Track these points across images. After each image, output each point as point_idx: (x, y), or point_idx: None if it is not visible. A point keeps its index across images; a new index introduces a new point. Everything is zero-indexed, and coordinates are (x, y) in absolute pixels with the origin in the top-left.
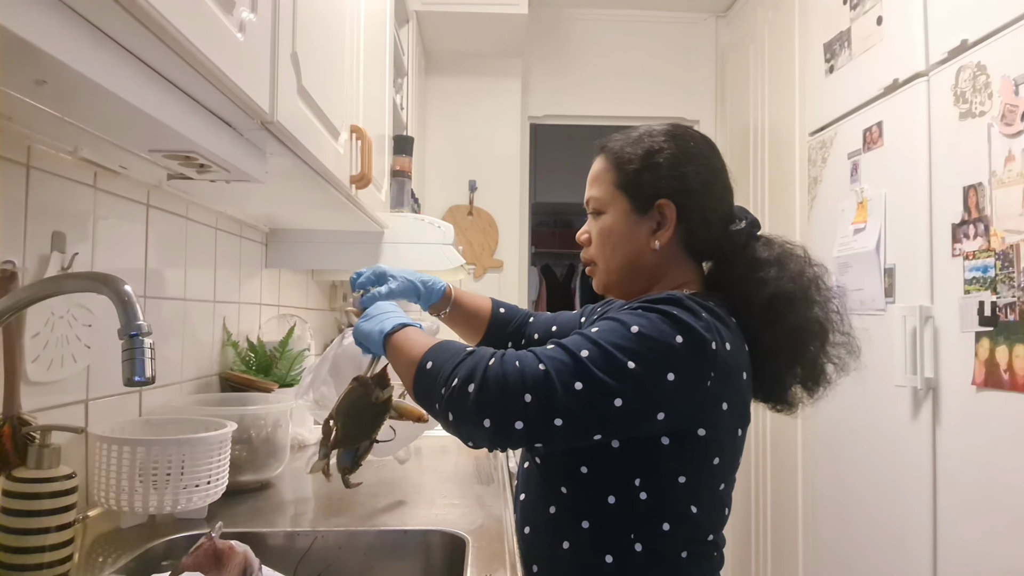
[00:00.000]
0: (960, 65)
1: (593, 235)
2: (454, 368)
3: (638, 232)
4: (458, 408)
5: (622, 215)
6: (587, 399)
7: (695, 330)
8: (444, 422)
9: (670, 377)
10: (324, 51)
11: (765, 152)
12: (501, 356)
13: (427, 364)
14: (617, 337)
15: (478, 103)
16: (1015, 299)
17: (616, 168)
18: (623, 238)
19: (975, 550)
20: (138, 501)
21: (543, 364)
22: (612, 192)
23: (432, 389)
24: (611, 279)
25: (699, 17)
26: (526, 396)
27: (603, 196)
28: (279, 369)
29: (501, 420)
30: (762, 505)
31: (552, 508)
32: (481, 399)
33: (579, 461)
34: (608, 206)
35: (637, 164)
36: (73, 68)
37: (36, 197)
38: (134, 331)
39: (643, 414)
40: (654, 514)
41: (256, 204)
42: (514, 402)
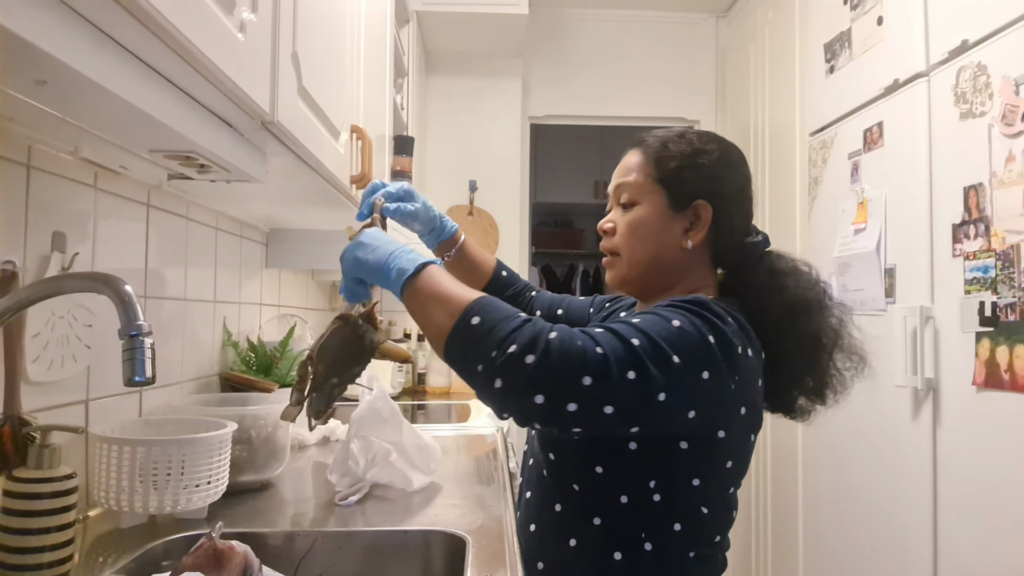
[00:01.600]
0: (961, 65)
1: (620, 226)
2: (511, 332)
3: (670, 228)
4: (511, 376)
5: (658, 209)
6: (638, 390)
7: (725, 332)
8: (486, 387)
9: (704, 376)
10: (325, 51)
11: (765, 152)
12: (561, 330)
13: (472, 319)
14: (661, 329)
15: (478, 103)
16: (1016, 299)
17: (656, 163)
18: (654, 232)
19: (975, 550)
20: (138, 501)
21: (601, 348)
22: (650, 185)
23: (477, 349)
24: (632, 272)
25: (699, 17)
26: (585, 378)
27: (639, 188)
28: (279, 369)
29: (556, 398)
30: (762, 505)
31: (558, 506)
32: (539, 372)
33: (595, 460)
34: (643, 198)
35: (682, 161)
36: (73, 68)
37: (36, 197)
38: (134, 331)
39: (679, 411)
40: (666, 514)
41: (256, 204)
42: (572, 382)
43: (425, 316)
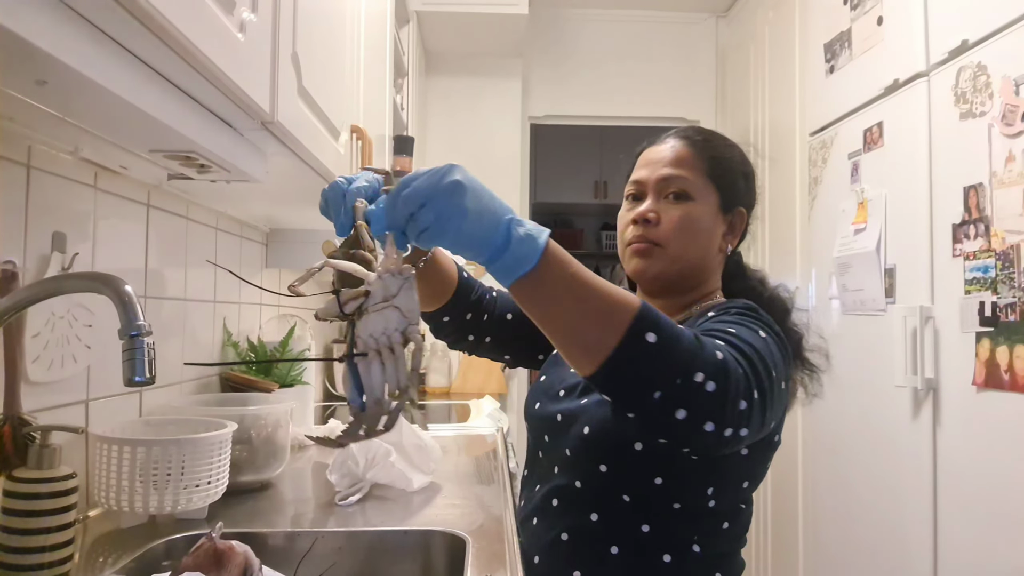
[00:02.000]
0: (961, 65)
1: (670, 219)
2: (695, 355)
3: (716, 230)
4: (695, 405)
5: (711, 209)
6: (760, 410)
7: (783, 341)
8: (661, 415)
9: (783, 386)
10: (324, 51)
11: (765, 152)
12: (723, 349)
13: (647, 335)
14: (758, 344)
15: (478, 103)
16: (1015, 299)
17: (711, 161)
18: (706, 233)
19: (976, 550)
20: (138, 501)
21: (741, 368)
22: (704, 181)
23: (657, 374)
24: (674, 268)
25: (699, 17)
26: (742, 403)
27: (695, 182)
28: (279, 369)
29: (724, 425)
30: (762, 505)
31: (595, 515)
32: (717, 400)
33: (656, 472)
34: (698, 194)
35: (734, 166)
36: (73, 68)
37: (36, 197)
38: (134, 331)
39: (769, 424)
40: (718, 517)
41: (256, 204)
42: (738, 406)
43: (571, 318)
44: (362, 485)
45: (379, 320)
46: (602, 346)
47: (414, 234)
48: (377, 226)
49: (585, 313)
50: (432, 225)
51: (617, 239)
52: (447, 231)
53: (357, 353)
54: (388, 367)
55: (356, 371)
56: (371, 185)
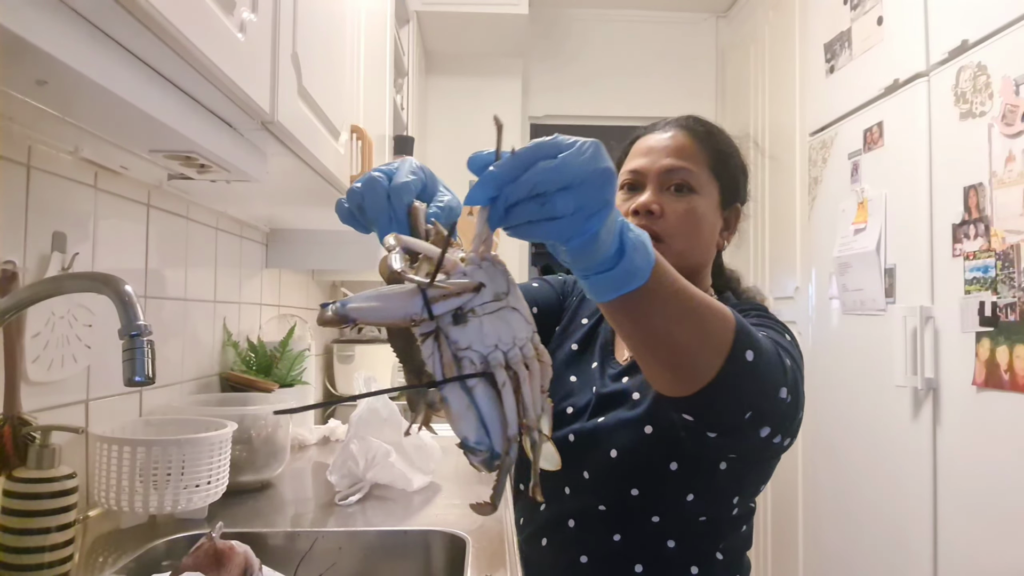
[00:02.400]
0: (961, 65)
1: (675, 212)
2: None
3: (716, 226)
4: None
5: (713, 204)
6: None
7: (796, 341)
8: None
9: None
10: (325, 51)
11: (765, 152)
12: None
13: (747, 354)
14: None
15: (478, 103)
16: (1015, 299)
17: (714, 155)
18: (709, 228)
19: (976, 550)
20: (138, 501)
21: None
22: (708, 175)
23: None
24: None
25: (699, 17)
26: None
27: (698, 174)
28: (279, 369)
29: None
30: (762, 505)
31: (618, 536)
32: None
33: (688, 489)
34: (702, 188)
35: (735, 161)
36: (73, 68)
37: (37, 197)
38: (134, 331)
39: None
40: (738, 522)
41: (256, 204)
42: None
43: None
44: (362, 485)
45: (499, 326)
46: (708, 368)
47: (528, 218)
48: (479, 195)
49: (694, 334)
50: (569, 216)
51: None
52: (584, 229)
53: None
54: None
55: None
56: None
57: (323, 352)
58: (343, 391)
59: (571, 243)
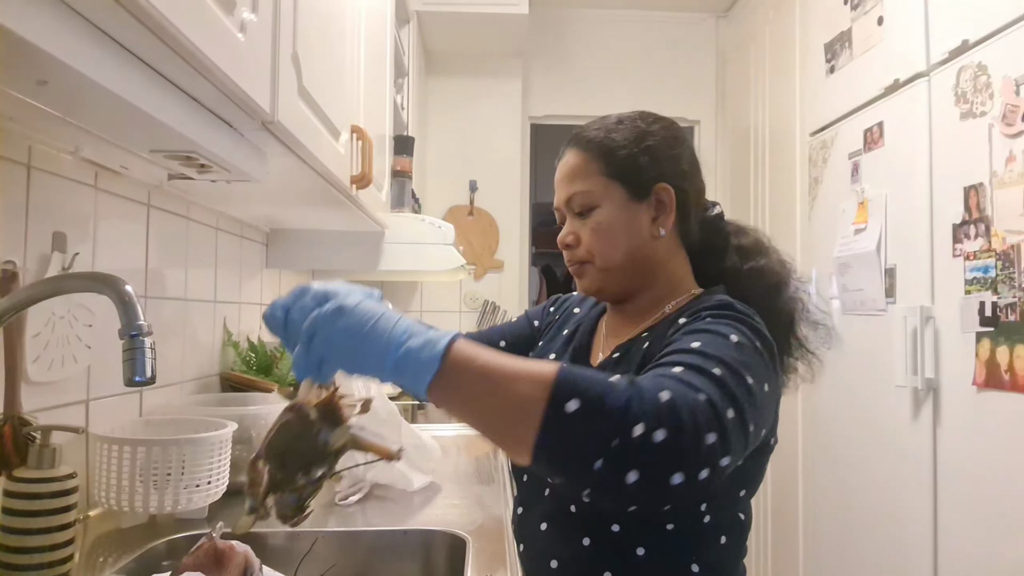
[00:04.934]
0: (961, 65)
1: (584, 234)
2: (627, 408)
3: (639, 221)
4: (646, 463)
5: (620, 205)
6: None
7: (766, 336)
8: (612, 484)
9: (766, 388)
10: (325, 51)
11: (765, 152)
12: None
13: (568, 404)
14: (727, 351)
15: (478, 103)
16: (1016, 299)
17: (603, 157)
18: (625, 230)
19: (975, 550)
20: (138, 501)
21: (703, 393)
22: (603, 183)
23: (590, 442)
24: (610, 278)
25: (699, 17)
26: (709, 436)
27: (592, 189)
28: (279, 369)
29: (693, 470)
30: (762, 505)
31: (587, 540)
32: (676, 447)
33: None
34: (601, 199)
35: (631, 148)
36: (74, 68)
37: (37, 197)
38: (135, 331)
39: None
40: (715, 532)
41: (257, 204)
42: (703, 443)
43: (488, 416)
44: (362, 485)
45: None
46: (526, 435)
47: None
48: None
49: (499, 408)
50: (328, 346)
51: None
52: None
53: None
54: None
55: None
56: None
57: None
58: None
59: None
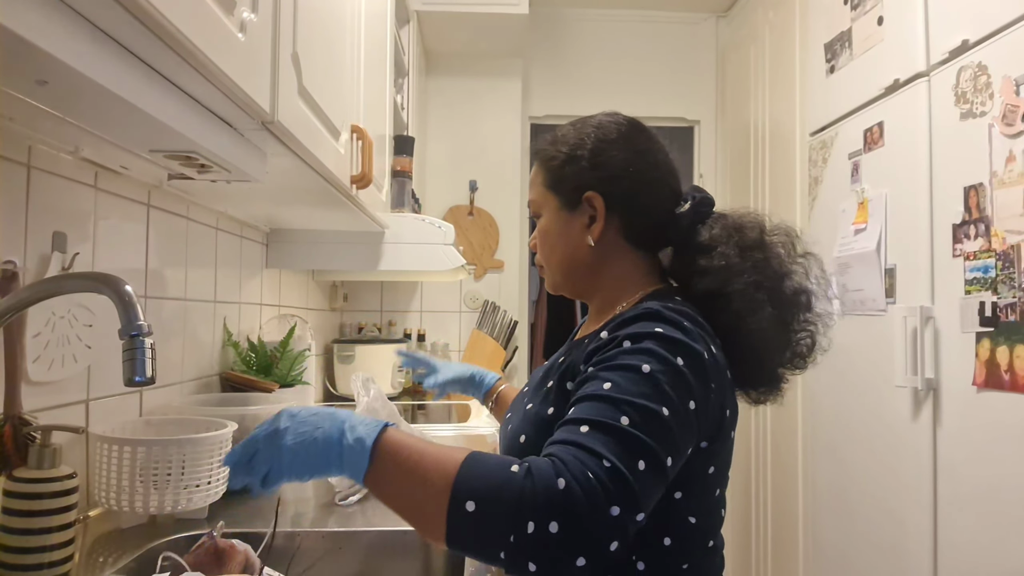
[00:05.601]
0: (961, 65)
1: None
2: (519, 505)
3: (571, 229)
4: (543, 555)
5: (554, 214)
6: (652, 474)
7: (688, 345)
8: (518, 571)
9: (691, 406)
10: (325, 51)
11: (765, 152)
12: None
13: (466, 505)
14: (634, 384)
15: (478, 103)
16: (1016, 299)
17: (544, 168)
18: (558, 237)
19: (975, 550)
20: (138, 501)
21: (606, 460)
22: (543, 193)
23: (489, 538)
24: (556, 279)
25: (699, 17)
26: (613, 509)
27: (537, 198)
28: (279, 369)
29: (597, 549)
30: (762, 505)
31: None
32: (572, 536)
33: None
34: (542, 207)
35: (559, 160)
36: (74, 68)
37: (37, 197)
38: (135, 331)
39: (684, 454)
40: (653, 532)
41: (257, 204)
42: (605, 523)
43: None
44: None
45: None
46: (436, 530)
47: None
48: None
49: (415, 502)
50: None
51: None
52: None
53: None
54: None
55: None
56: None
57: (323, 352)
58: (343, 391)
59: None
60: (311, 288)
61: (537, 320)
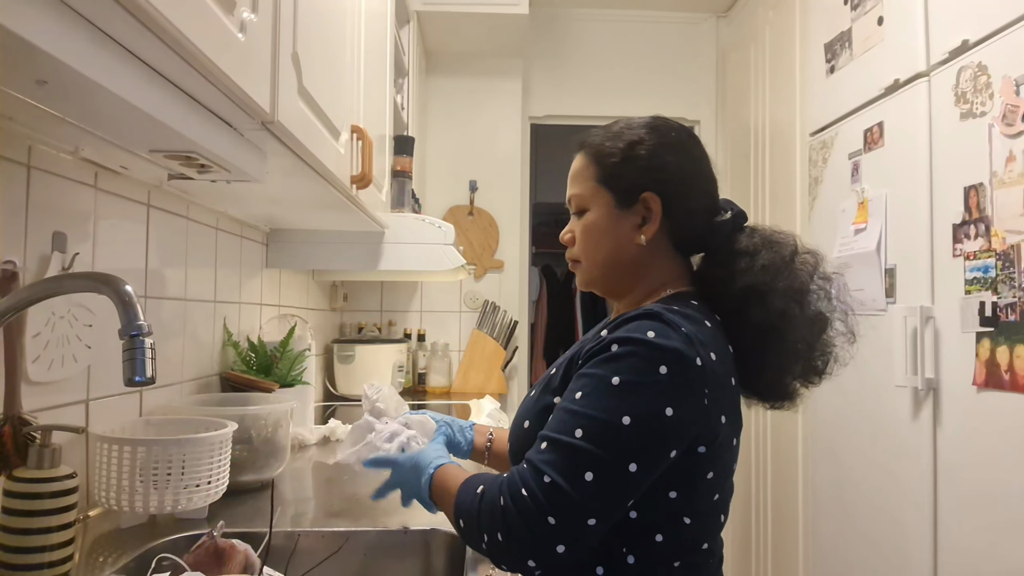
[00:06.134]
0: (961, 65)
1: (576, 233)
2: (477, 523)
3: (621, 227)
4: (503, 558)
5: (605, 210)
6: (603, 483)
7: (676, 351)
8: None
9: (668, 412)
10: (325, 51)
11: (766, 152)
12: (506, 487)
13: (459, 522)
14: (601, 397)
15: (479, 103)
16: (1016, 299)
17: (597, 163)
18: (606, 233)
19: (976, 550)
20: (138, 501)
21: (547, 475)
22: (594, 188)
23: (473, 545)
24: (594, 275)
25: (699, 17)
26: (549, 519)
27: (585, 193)
28: (280, 369)
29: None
30: (762, 505)
31: None
32: (514, 544)
33: None
34: (590, 202)
35: (618, 157)
36: (73, 68)
37: (37, 197)
38: (135, 331)
39: (657, 461)
40: (645, 528)
41: (257, 204)
42: (543, 532)
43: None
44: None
45: None
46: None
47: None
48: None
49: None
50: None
51: None
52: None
53: None
54: None
55: None
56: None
57: (323, 352)
58: (343, 391)
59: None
60: (311, 288)
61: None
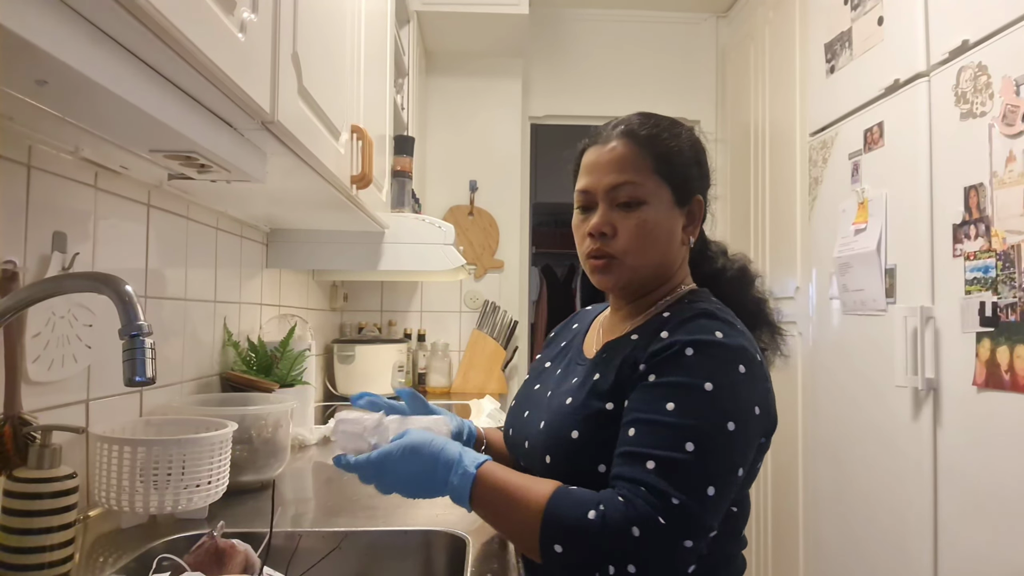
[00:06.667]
0: (961, 65)
1: (626, 229)
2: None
3: (676, 226)
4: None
5: (666, 207)
6: (723, 494)
7: (744, 349)
8: None
9: (756, 411)
10: (325, 51)
11: (766, 152)
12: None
13: (555, 548)
14: (697, 404)
15: (479, 103)
16: (1016, 299)
17: (658, 157)
18: (666, 233)
19: (976, 550)
20: (139, 501)
21: (674, 498)
22: (654, 181)
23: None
24: (636, 276)
25: (699, 17)
26: (686, 543)
27: (644, 184)
28: (280, 369)
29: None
30: (762, 505)
31: None
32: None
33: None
34: (650, 196)
35: (683, 156)
36: (74, 68)
37: (37, 197)
38: (135, 331)
39: (750, 461)
40: None
41: (257, 204)
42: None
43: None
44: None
45: None
46: (535, 557)
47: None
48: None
49: (512, 530)
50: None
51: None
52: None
53: None
54: None
55: None
56: None
57: (323, 352)
58: (343, 391)
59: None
60: (311, 288)
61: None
